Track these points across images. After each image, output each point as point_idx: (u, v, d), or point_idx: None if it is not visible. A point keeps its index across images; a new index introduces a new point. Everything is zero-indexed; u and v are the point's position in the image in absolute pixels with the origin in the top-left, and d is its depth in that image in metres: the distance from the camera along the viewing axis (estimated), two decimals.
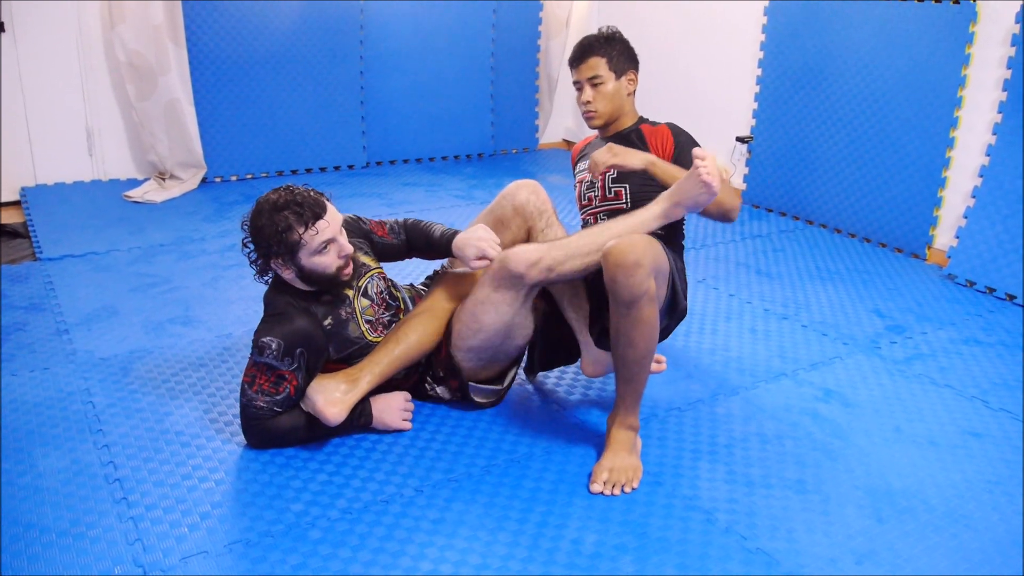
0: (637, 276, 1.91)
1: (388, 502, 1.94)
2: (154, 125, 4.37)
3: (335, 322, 2.17)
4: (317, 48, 4.79)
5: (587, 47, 2.45)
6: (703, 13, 4.83)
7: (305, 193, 2.09)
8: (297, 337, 2.06)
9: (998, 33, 3.44)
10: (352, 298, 2.22)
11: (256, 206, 2.10)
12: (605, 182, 2.45)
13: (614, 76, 2.45)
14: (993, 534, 1.90)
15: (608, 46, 2.45)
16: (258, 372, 2.06)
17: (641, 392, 2.10)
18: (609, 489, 2.00)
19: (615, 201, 2.42)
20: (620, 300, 1.95)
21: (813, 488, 2.05)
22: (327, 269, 2.10)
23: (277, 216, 2.03)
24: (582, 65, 2.45)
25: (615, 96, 2.46)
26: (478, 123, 5.52)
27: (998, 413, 2.45)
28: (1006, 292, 3.34)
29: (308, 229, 2.03)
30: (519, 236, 2.36)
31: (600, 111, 2.46)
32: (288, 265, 2.08)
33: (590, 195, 2.49)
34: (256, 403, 2.07)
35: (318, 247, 2.06)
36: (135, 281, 3.24)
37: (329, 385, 2.12)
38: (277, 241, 2.03)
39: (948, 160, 3.67)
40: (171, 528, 1.83)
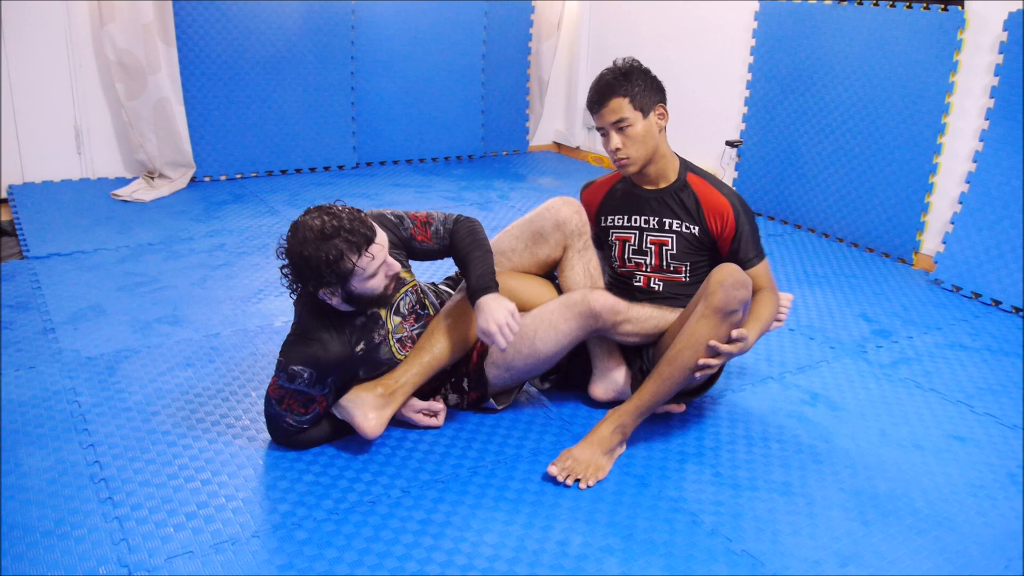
0: (740, 293, 2.02)
1: (375, 503, 1.94)
2: (143, 124, 4.35)
3: (367, 347, 2.11)
4: (308, 48, 4.78)
5: (605, 87, 2.17)
6: (694, 17, 4.85)
7: (351, 215, 1.96)
8: (329, 366, 2.02)
9: (986, 40, 3.47)
10: (385, 318, 2.15)
11: (297, 233, 1.94)
12: (662, 255, 2.31)
13: (641, 115, 2.18)
14: (976, 537, 1.91)
15: (628, 82, 2.17)
16: (287, 395, 2.03)
17: (659, 402, 2.12)
18: (563, 476, 2.01)
19: (673, 274, 2.33)
20: (713, 304, 2.02)
21: (799, 490, 2.06)
22: (375, 291, 2.01)
23: (326, 245, 1.90)
24: (603, 109, 2.18)
25: (647, 137, 2.19)
26: (468, 125, 5.52)
27: (983, 417, 2.47)
28: (992, 297, 3.36)
29: (362, 256, 1.93)
30: (554, 254, 2.31)
31: (634, 157, 2.20)
32: (335, 292, 1.98)
33: (639, 260, 2.34)
34: (285, 420, 2.06)
35: (372, 273, 1.97)
36: (123, 280, 3.23)
37: (367, 399, 2.09)
38: (329, 272, 1.91)
39: (936, 166, 3.69)
40: (156, 528, 1.82)
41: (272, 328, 2.84)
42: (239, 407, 2.33)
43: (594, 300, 2.13)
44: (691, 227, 2.27)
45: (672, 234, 2.28)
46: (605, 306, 2.14)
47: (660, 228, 2.29)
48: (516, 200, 4.62)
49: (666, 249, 2.30)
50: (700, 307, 2.07)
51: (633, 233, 2.34)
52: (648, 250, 2.32)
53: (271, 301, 3.09)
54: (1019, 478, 2.16)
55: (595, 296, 2.14)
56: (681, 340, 2.08)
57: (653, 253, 2.32)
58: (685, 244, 2.28)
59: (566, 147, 5.99)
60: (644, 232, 2.32)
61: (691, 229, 2.27)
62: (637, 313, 2.22)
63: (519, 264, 2.35)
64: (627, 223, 2.34)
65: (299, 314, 2.11)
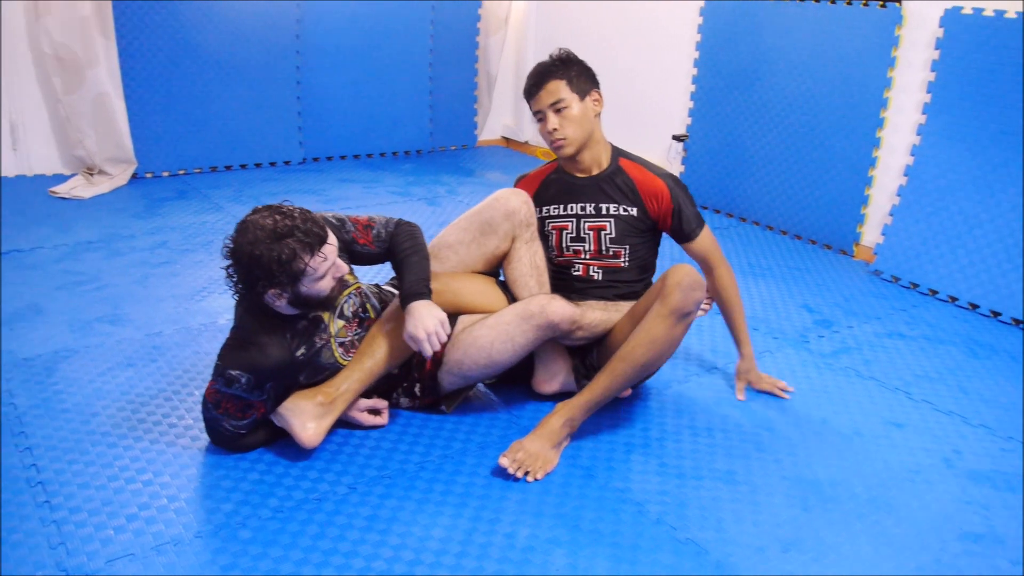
0: (695, 295, 2.06)
1: (321, 500, 1.92)
2: (82, 119, 4.26)
3: (308, 351, 2.07)
4: (253, 41, 4.72)
5: (543, 72, 2.24)
6: (640, 14, 4.88)
7: (303, 215, 1.92)
8: (268, 372, 1.97)
9: (922, 36, 3.55)
10: (328, 322, 2.13)
11: (247, 232, 1.88)
12: (601, 239, 2.33)
13: (577, 98, 2.23)
14: (914, 520, 1.96)
15: (565, 68, 2.24)
16: (224, 399, 1.99)
17: (609, 397, 2.15)
18: (514, 468, 2.02)
19: (612, 259, 2.35)
20: (670, 305, 2.05)
21: (742, 479, 2.10)
22: (323, 293, 1.98)
23: (279, 244, 1.85)
24: (540, 92, 2.23)
25: (583, 119, 2.24)
26: (416, 119, 5.49)
27: (920, 404, 2.53)
28: (929, 287, 3.45)
29: (315, 256, 1.90)
30: (503, 245, 2.30)
31: (570, 137, 2.24)
32: (282, 294, 1.94)
33: (577, 248, 2.36)
34: (222, 424, 2.02)
35: (323, 274, 1.94)
36: (61, 279, 3.15)
37: (306, 408, 2.06)
38: (280, 272, 1.87)
39: (875, 160, 3.77)
40: (96, 531, 1.78)
41: (216, 326, 2.80)
42: (182, 407, 2.29)
43: (552, 312, 2.13)
44: (629, 209, 2.30)
45: (610, 218, 2.31)
46: (564, 318, 2.15)
47: (597, 214, 2.32)
48: (464, 195, 4.62)
49: (604, 233, 2.32)
50: (656, 307, 2.09)
51: (570, 221, 2.35)
52: (586, 236, 2.34)
53: (215, 299, 3.04)
54: (954, 462, 2.22)
55: (553, 307, 2.14)
56: (636, 338, 2.10)
57: (591, 239, 2.34)
58: (624, 226, 2.31)
59: (514, 142, 6.00)
60: (581, 219, 2.34)
61: (629, 211, 2.30)
62: (590, 319, 2.24)
63: (466, 257, 2.33)
64: (563, 212, 2.36)
65: (239, 317, 2.06)
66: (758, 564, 1.78)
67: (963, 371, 2.76)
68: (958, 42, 3.39)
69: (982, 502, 2.05)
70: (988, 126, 3.32)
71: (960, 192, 3.41)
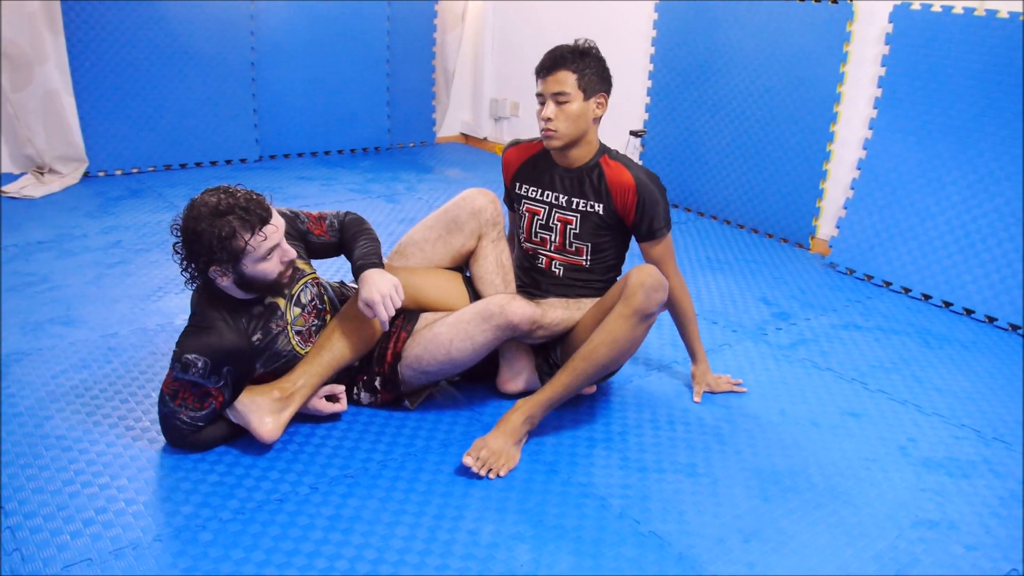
0: (657, 296, 2.08)
1: (282, 500, 1.91)
2: (30, 117, 4.16)
3: (264, 337, 2.06)
4: (206, 36, 4.65)
5: (558, 58, 2.18)
6: (596, 11, 4.90)
7: (248, 195, 1.94)
8: (224, 355, 1.96)
9: (873, 32, 3.61)
10: (284, 309, 2.11)
11: (192, 209, 1.93)
12: (566, 233, 2.33)
13: (582, 96, 2.19)
14: (870, 508, 2.00)
15: (582, 61, 2.18)
16: (181, 388, 1.97)
17: (569, 395, 2.16)
18: (478, 466, 2.02)
19: (574, 255, 2.35)
20: (632, 306, 2.07)
21: (703, 471, 2.12)
22: (268, 276, 1.97)
23: (220, 221, 1.88)
24: (549, 77, 2.18)
25: (580, 118, 2.21)
26: (374, 116, 5.46)
27: (875, 394, 2.57)
28: (883, 279, 3.51)
29: (255, 235, 1.90)
30: (469, 243, 2.31)
31: (561, 132, 2.20)
32: (227, 273, 1.94)
33: (544, 236, 2.37)
34: (179, 416, 1.99)
35: (264, 254, 1.94)
36: (11, 280, 3.08)
37: (263, 403, 2.05)
38: (220, 248, 1.88)
39: (829, 154, 3.83)
40: (52, 536, 1.75)
41: (173, 326, 2.76)
42: (139, 408, 2.26)
43: (512, 312, 2.13)
44: (595, 206, 2.29)
45: (577, 214, 2.30)
46: (524, 318, 2.14)
47: (568, 207, 2.31)
48: (424, 192, 4.60)
49: (570, 228, 2.32)
50: (619, 307, 2.09)
51: (543, 208, 2.35)
52: (554, 227, 2.34)
53: (171, 299, 2.99)
54: (909, 450, 2.26)
55: (513, 308, 2.13)
56: (597, 337, 2.11)
57: (557, 231, 2.34)
58: (589, 225, 2.30)
59: (473, 138, 5.99)
60: (553, 209, 2.34)
61: (595, 208, 2.29)
62: (551, 319, 2.24)
63: (431, 255, 2.33)
64: (539, 197, 2.36)
65: (195, 303, 2.06)
66: (720, 555, 1.80)
67: (917, 361, 2.82)
68: (907, 37, 3.46)
69: (936, 489, 2.09)
70: (937, 120, 3.39)
71: (911, 185, 3.47)
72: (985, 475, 2.17)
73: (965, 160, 3.30)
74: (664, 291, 2.09)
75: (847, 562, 1.81)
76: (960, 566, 1.82)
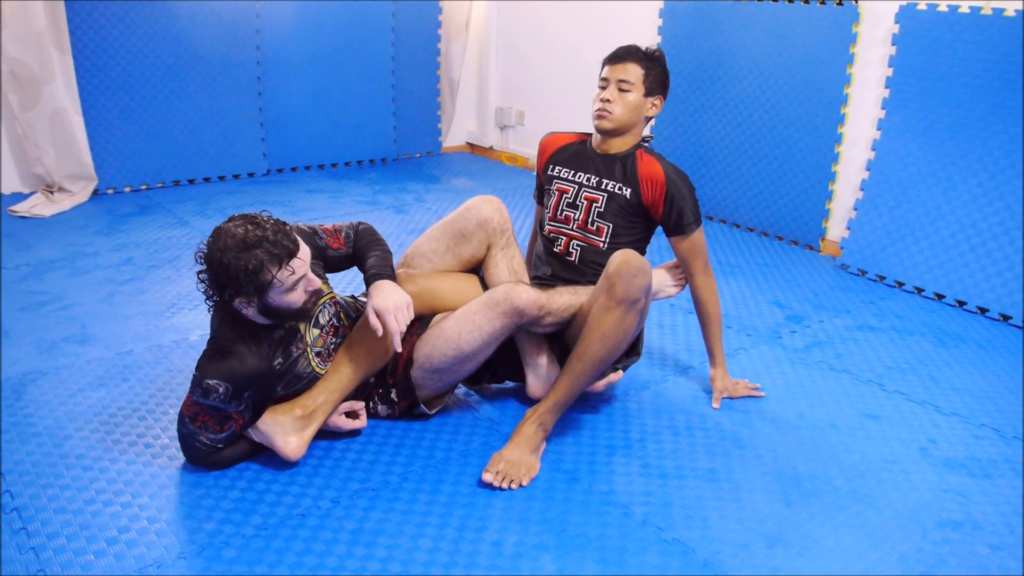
0: (639, 281, 2.04)
1: (305, 516, 1.90)
2: (39, 136, 4.18)
3: (285, 360, 2.06)
4: (212, 52, 4.66)
5: (632, 52, 2.32)
6: (601, 15, 4.91)
7: (276, 227, 1.92)
8: (245, 381, 1.95)
9: (879, 33, 3.61)
10: (304, 331, 2.11)
11: (218, 240, 1.89)
12: (591, 211, 2.35)
13: (644, 90, 2.31)
14: (894, 510, 1.99)
15: (651, 61, 2.32)
16: (201, 411, 1.96)
17: (574, 396, 2.15)
18: (499, 481, 2.02)
19: (594, 235, 2.35)
20: (615, 296, 2.04)
21: (724, 476, 2.11)
22: (293, 305, 1.97)
23: (247, 254, 1.85)
24: (618, 64, 2.31)
25: (635, 109, 2.31)
26: (380, 127, 5.47)
27: (893, 395, 2.57)
28: (895, 279, 3.50)
29: (283, 269, 1.89)
30: (478, 253, 2.33)
31: (615, 115, 2.29)
32: (250, 303, 1.94)
33: (568, 213, 2.39)
34: (199, 438, 1.99)
35: (290, 286, 1.93)
36: (25, 299, 3.09)
37: (285, 423, 2.05)
38: (247, 281, 1.87)
39: (837, 155, 3.82)
40: (76, 556, 1.75)
41: (188, 343, 2.76)
42: (157, 426, 2.26)
43: (516, 297, 2.12)
44: (624, 189, 2.31)
45: (604, 193, 2.33)
46: (529, 302, 2.13)
47: (597, 187, 2.35)
48: (432, 202, 4.60)
49: (595, 206, 2.34)
50: (602, 299, 2.08)
51: (572, 187, 2.39)
52: (580, 205, 2.36)
53: (185, 315, 3.00)
54: (929, 451, 2.25)
55: (517, 293, 2.13)
56: (588, 334, 2.09)
57: (583, 208, 2.36)
58: (615, 206, 2.32)
59: (479, 147, 5.99)
60: (582, 188, 2.37)
61: (623, 192, 2.31)
62: (557, 304, 2.22)
63: (440, 266, 2.34)
64: (570, 177, 2.40)
65: (216, 327, 2.05)
66: (745, 560, 1.80)
67: (933, 361, 2.81)
68: (914, 37, 3.46)
69: (959, 489, 2.08)
70: (946, 119, 3.39)
71: (921, 184, 3.47)
72: (1007, 474, 2.16)
73: (975, 158, 3.30)
74: (645, 275, 2.05)
75: (872, 565, 1.80)
76: (987, 567, 1.81)
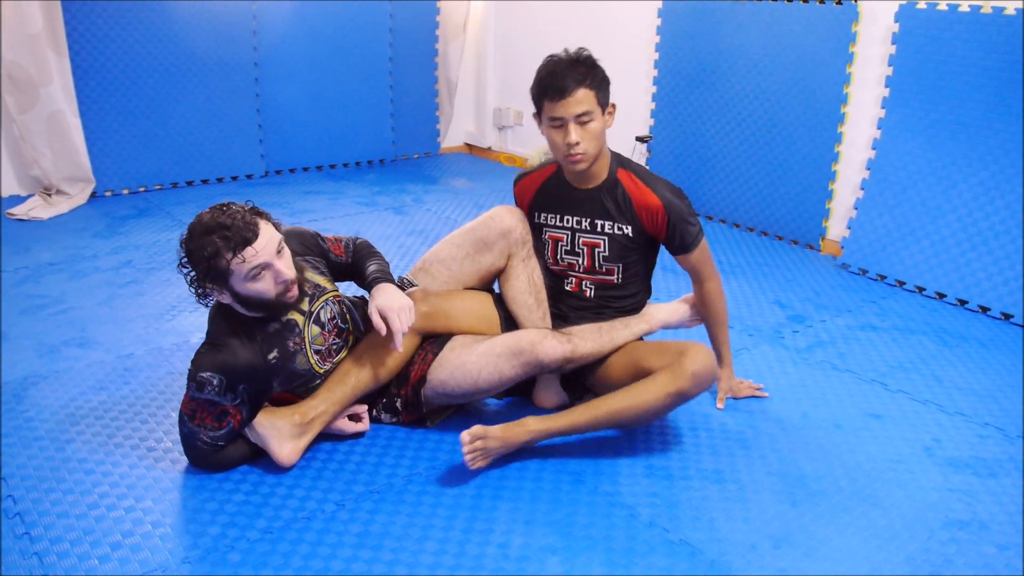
0: (708, 384, 2.08)
1: (310, 519, 1.89)
2: (36, 138, 4.17)
3: (281, 355, 2.05)
4: (209, 54, 4.65)
5: (572, 77, 2.00)
6: (599, 15, 4.90)
7: (239, 213, 1.92)
8: (238, 373, 1.95)
9: (878, 32, 3.61)
10: (303, 327, 2.10)
11: (190, 225, 1.95)
12: (595, 256, 2.25)
13: (600, 111, 2.06)
14: (900, 510, 1.98)
15: (594, 74, 2.03)
16: (199, 407, 1.96)
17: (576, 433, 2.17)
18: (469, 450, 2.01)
19: (605, 275, 2.28)
20: (680, 389, 2.04)
21: (729, 477, 2.11)
22: (264, 295, 1.95)
23: (205, 240, 1.88)
24: (568, 98, 1.99)
25: (602, 134, 2.09)
26: (378, 128, 5.46)
27: (896, 394, 2.56)
28: (896, 279, 3.50)
29: (235, 256, 1.88)
30: (498, 263, 2.27)
31: (589, 153, 2.08)
32: (222, 290, 1.94)
33: (570, 260, 2.29)
34: (199, 436, 1.98)
35: (249, 274, 1.91)
36: (24, 303, 3.07)
37: (283, 428, 2.05)
38: (205, 267, 1.89)
39: (837, 154, 3.82)
40: (80, 561, 1.74)
41: (188, 345, 2.75)
42: (159, 429, 2.25)
43: (543, 352, 2.12)
44: (623, 227, 2.21)
45: (604, 236, 2.23)
46: (555, 358, 2.13)
47: (592, 230, 2.23)
48: (431, 203, 4.59)
49: (598, 251, 2.25)
50: (664, 380, 2.05)
51: (565, 233, 2.27)
52: (580, 251, 2.26)
53: (185, 317, 2.99)
54: (934, 451, 2.25)
55: (545, 348, 2.12)
56: (628, 399, 2.07)
57: (585, 254, 2.26)
58: (618, 246, 2.23)
59: (477, 148, 5.99)
60: (576, 233, 2.25)
61: (624, 230, 2.21)
62: (583, 352, 2.20)
63: (458, 272, 2.29)
64: (560, 223, 2.27)
65: (210, 322, 2.06)
66: (752, 561, 1.79)
67: (936, 360, 2.81)
68: (913, 37, 3.46)
69: (964, 489, 2.08)
70: (946, 118, 3.39)
71: (922, 183, 3.47)
72: (1012, 474, 2.16)
73: (975, 157, 3.30)
74: (713, 377, 2.08)
75: (879, 565, 1.79)
76: (994, 566, 1.80)
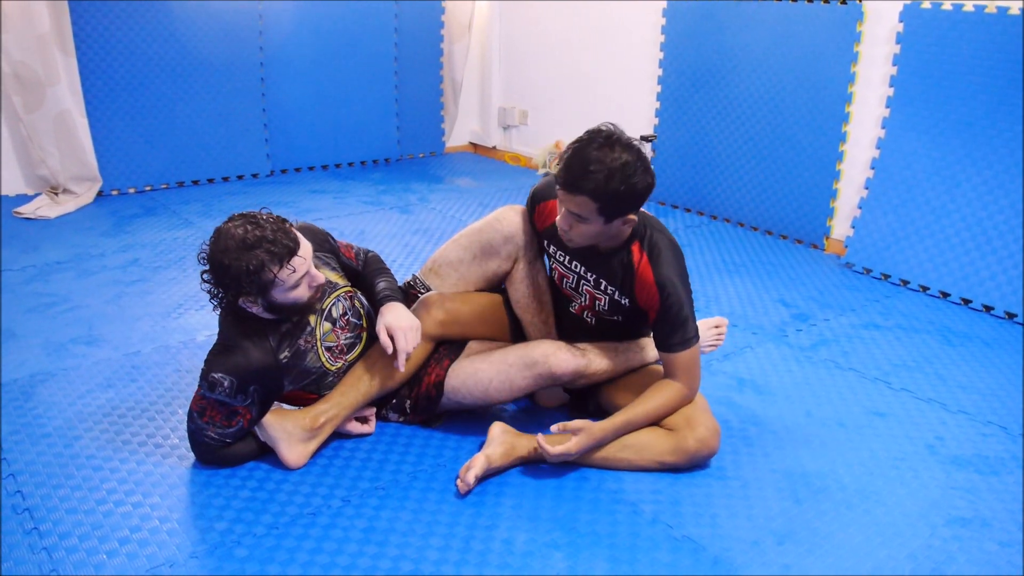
0: (713, 454, 2.11)
1: (315, 514, 1.91)
2: (44, 138, 4.19)
3: (293, 354, 2.06)
4: (215, 54, 4.67)
5: (582, 184, 1.90)
6: (604, 15, 4.91)
7: (274, 225, 1.91)
8: (250, 375, 1.96)
9: (883, 32, 3.61)
10: (314, 324, 2.10)
11: (219, 241, 1.89)
12: (595, 306, 2.21)
13: (603, 220, 1.96)
14: (902, 508, 1.99)
15: (607, 186, 1.88)
16: (209, 406, 1.98)
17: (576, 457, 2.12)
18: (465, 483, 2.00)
19: (608, 315, 2.22)
20: (689, 452, 2.06)
21: (733, 474, 2.12)
22: (298, 301, 1.98)
23: (248, 255, 1.85)
24: (570, 194, 1.93)
25: (598, 235, 2.02)
26: (384, 127, 5.47)
27: (899, 393, 2.57)
28: (900, 278, 3.51)
29: (284, 268, 1.89)
30: (504, 266, 2.27)
31: (576, 243, 2.05)
32: (256, 302, 1.94)
33: (573, 295, 2.25)
34: (207, 433, 2.00)
35: (293, 284, 1.93)
36: (32, 301, 3.09)
37: (292, 431, 2.07)
38: (249, 281, 1.87)
39: (841, 154, 3.83)
40: (88, 556, 1.76)
41: (195, 343, 2.77)
42: (166, 426, 2.26)
43: (556, 365, 2.12)
44: (622, 297, 2.15)
45: (605, 295, 2.17)
46: (567, 371, 2.14)
47: (596, 286, 2.18)
48: (436, 202, 4.61)
49: (599, 304, 2.20)
50: (675, 439, 2.06)
51: (571, 275, 2.22)
52: (583, 293, 2.22)
53: (192, 315, 3.00)
54: (937, 449, 2.26)
55: (558, 360, 2.12)
56: (635, 446, 2.08)
57: (587, 297, 2.22)
58: (616, 306, 2.19)
59: (482, 147, 6.00)
60: (581, 280, 2.20)
61: (622, 300, 2.16)
62: (595, 369, 2.19)
63: (467, 275, 2.30)
64: (568, 264, 2.21)
65: (222, 323, 2.06)
66: (755, 558, 1.80)
67: (939, 359, 2.81)
68: (918, 36, 3.46)
69: (967, 487, 2.09)
70: (950, 117, 3.39)
71: (926, 183, 3.47)
72: (1014, 471, 2.16)
73: (979, 156, 3.30)
74: (718, 445, 2.10)
75: (882, 562, 1.80)
76: (996, 563, 1.81)
